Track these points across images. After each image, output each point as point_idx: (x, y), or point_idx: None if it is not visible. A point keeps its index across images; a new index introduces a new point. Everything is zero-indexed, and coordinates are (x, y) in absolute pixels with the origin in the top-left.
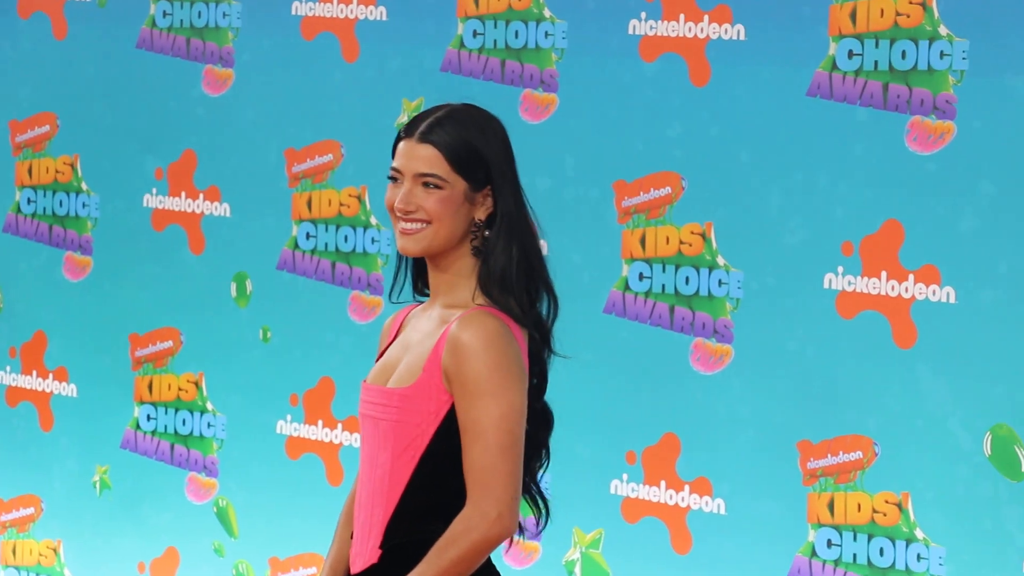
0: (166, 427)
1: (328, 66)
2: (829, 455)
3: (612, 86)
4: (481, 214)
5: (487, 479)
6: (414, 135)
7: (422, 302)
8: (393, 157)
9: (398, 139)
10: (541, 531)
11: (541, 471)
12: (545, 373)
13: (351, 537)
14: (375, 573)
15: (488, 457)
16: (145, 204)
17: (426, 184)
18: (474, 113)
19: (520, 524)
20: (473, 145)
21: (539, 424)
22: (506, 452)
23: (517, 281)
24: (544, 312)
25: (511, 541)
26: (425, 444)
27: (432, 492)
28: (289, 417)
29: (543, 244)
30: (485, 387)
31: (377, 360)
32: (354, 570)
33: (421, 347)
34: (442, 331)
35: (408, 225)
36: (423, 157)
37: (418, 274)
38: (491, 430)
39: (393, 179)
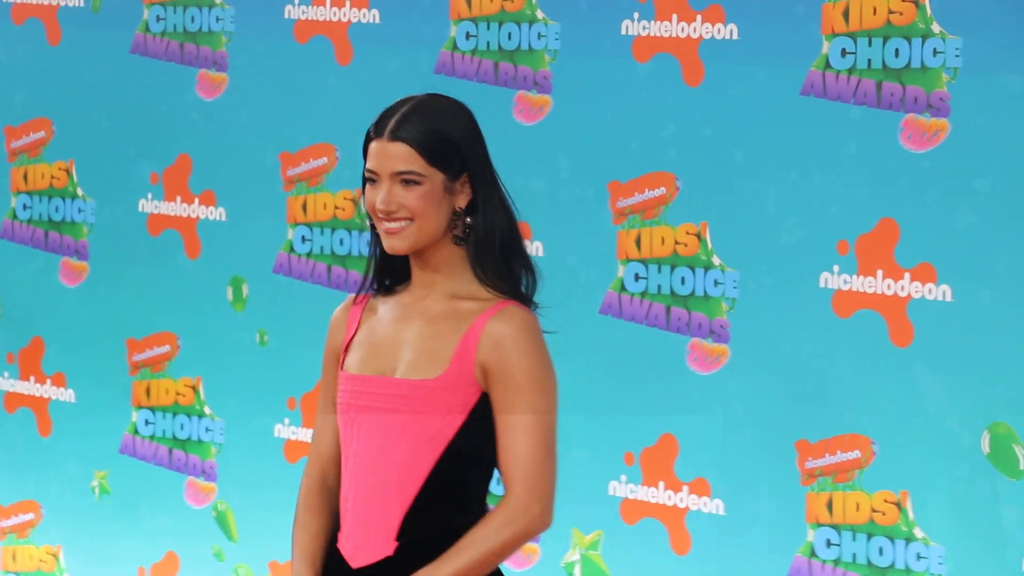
0: (164, 432)
1: (322, 69)
2: (827, 455)
3: (606, 87)
4: (461, 202)
5: (532, 472)
6: (384, 134)
7: (367, 294)
8: (365, 158)
9: (368, 140)
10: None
11: None
12: None
13: (325, 528)
14: (390, 566)
15: (535, 451)
16: (141, 209)
17: (405, 182)
18: (440, 103)
19: None
20: (445, 135)
21: None
22: (550, 448)
23: (504, 263)
24: (523, 287)
25: None
26: (451, 436)
27: (452, 484)
28: (287, 420)
29: (523, 226)
30: (533, 382)
31: (344, 352)
32: (356, 564)
33: (438, 338)
34: (469, 324)
35: (392, 224)
36: (397, 155)
37: (385, 269)
38: (537, 425)
39: (370, 180)
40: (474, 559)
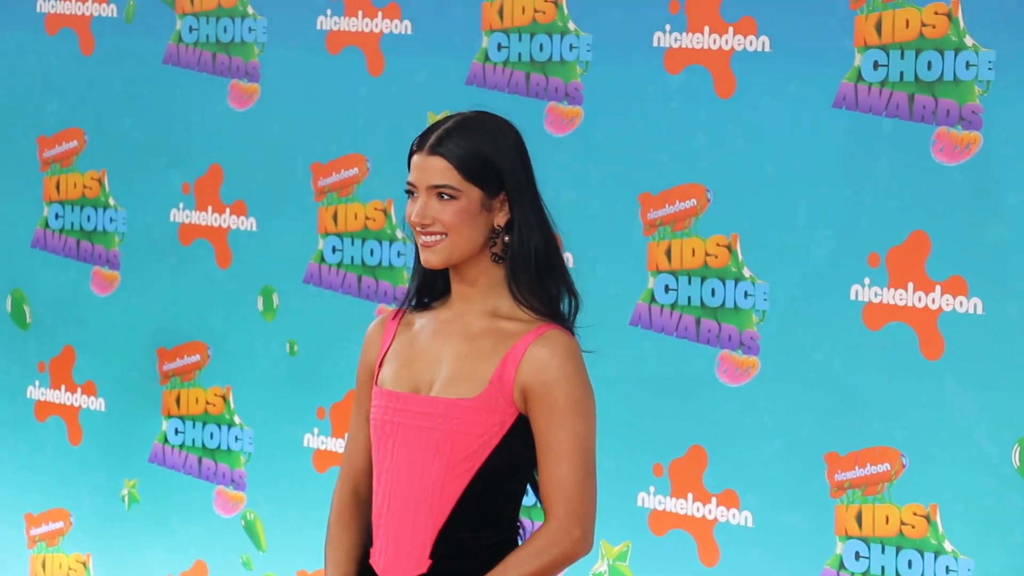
0: (194, 441)
1: (353, 80)
2: (856, 467)
3: (637, 98)
4: (500, 220)
5: (574, 497)
6: (425, 148)
7: (403, 309)
8: (409, 171)
9: (411, 153)
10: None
11: None
12: None
13: (358, 543)
14: None
15: (577, 475)
16: (172, 219)
17: (440, 195)
18: (484, 120)
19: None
20: (483, 153)
21: None
22: (591, 472)
23: (541, 284)
24: (565, 309)
25: None
26: (486, 455)
27: (486, 502)
28: (316, 430)
29: (562, 246)
30: (577, 407)
31: (378, 367)
32: None
33: (477, 356)
34: (511, 345)
35: (427, 238)
36: (435, 169)
37: (424, 287)
38: (580, 449)
39: (410, 193)
40: None
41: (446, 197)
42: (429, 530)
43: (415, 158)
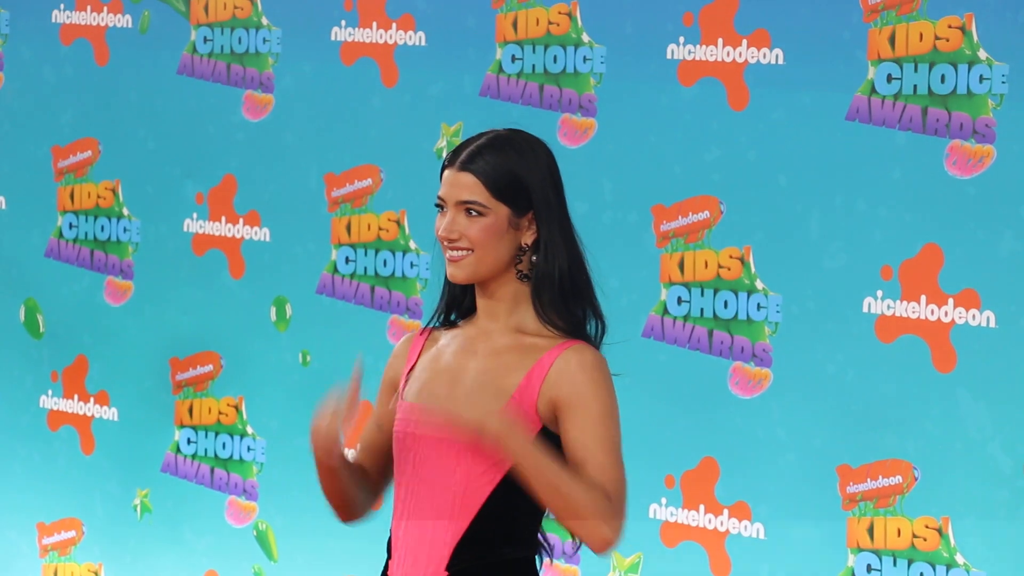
0: (206, 451)
1: (367, 91)
2: (869, 479)
3: (650, 110)
4: (527, 239)
5: (619, 489)
6: (456, 164)
7: (430, 326)
8: (440, 185)
9: (443, 168)
10: (576, 551)
11: None
12: None
13: (346, 478)
14: None
15: (617, 469)
16: (186, 229)
17: (468, 212)
18: (516, 139)
19: (550, 545)
20: (514, 171)
21: None
22: (623, 471)
23: (565, 305)
24: (592, 331)
25: (549, 562)
26: (505, 469)
27: (505, 517)
28: None
29: (590, 269)
30: (609, 413)
31: (404, 382)
32: None
33: (501, 371)
34: (536, 359)
35: (454, 253)
36: (464, 185)
37: (453, 303)
38: (614, 449)
39: (439, 207)
40: (560, 484)
41: (474, 213)
42: (447, 543)
43: (446, 173)
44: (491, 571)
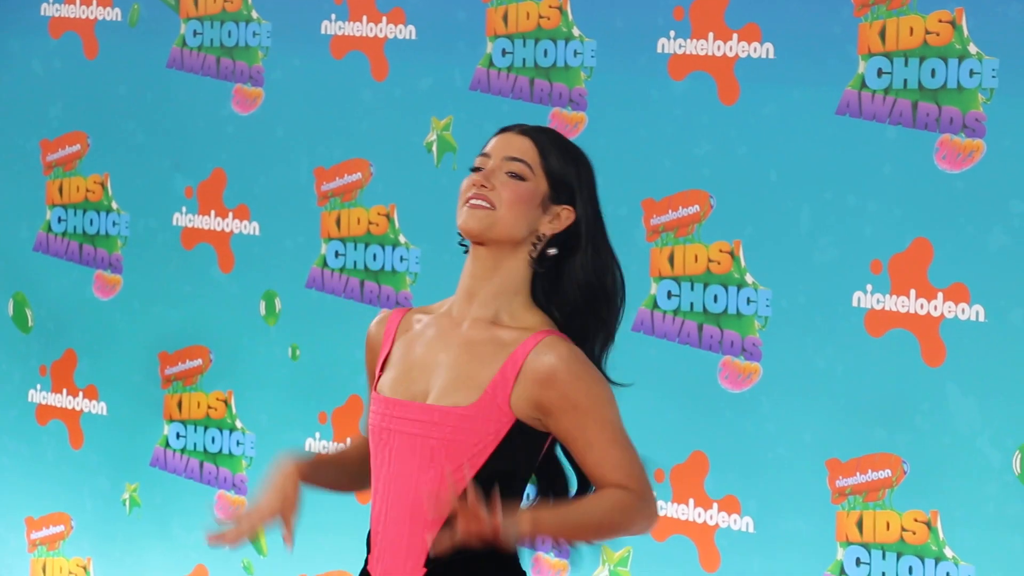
0: (195, 445)
1: (357, 85)
2: (858, 473)
3: (641, 104)
4: (546, 228)
5: (637, 475)
6: (514, 129)
7: (405, 307)
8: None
9: (492, 137)
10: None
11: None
12: None
13: (336, 462)
14: None
15: (627, 455)
16: (175, 223)
17: (510, 174)
18: (573, 145)
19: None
20: (565, 159)
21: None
22: (634, 449)
23: (583, 317)
24: (596, 350)
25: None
26: (481, 463)
27: None
28: (318, 435)
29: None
30: (598, 401)
31: (379, 370)
32: None
33: (474, 364)
34: (508, 353)
35: (477, 201)
36: (518, 145)
37: None
38: (617, 433)
39: (476, 170)
40: (598, 522)
41: (515, 176)
42: (424, 538)
43: (499, 136)
44: (470, 565)
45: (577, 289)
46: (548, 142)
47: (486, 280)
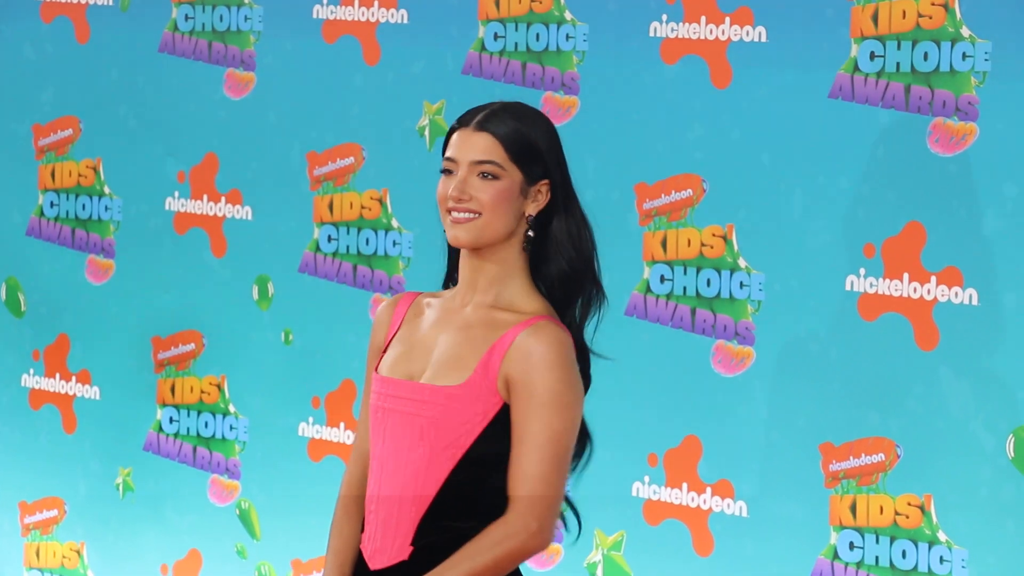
0: (188, 429)
1: (349, 69)
2: (851, 457)
3: (633, 88)
4: (531, 209)
5: (536, 490)
6: (471, 124)
7: (417, 292)
8: (444, 151)
9: (450, 132)
10: (576, 539)
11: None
12: (589, 380)
13: (360, 531)
14: (405, 570)
15: (542, 468)
16: (167, 207)
17: (483, 175)
18: (527, 109)
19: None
20: (530, 137)
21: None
22: (559, 467)
23: (574, 283)
24: (589, 314)
25: None
26: (469, 444)
27: (469, 491)
28: (311, 419)
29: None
30: (555, 400)
31: (383, 351)
32: (374, 566)
33: (467, 345)
34: (500, 335)
35: (460, 214)
36: (480, 146)
37: (454, 270)
38: (550, 443)
39: (446, 172)
40: (470, 572)
41: (488, 177)
42: (412, 518)
43: (457, 135)
44: (455, 546)
45: (560, 249)
46: (507, 128)
47: (485, 271)
